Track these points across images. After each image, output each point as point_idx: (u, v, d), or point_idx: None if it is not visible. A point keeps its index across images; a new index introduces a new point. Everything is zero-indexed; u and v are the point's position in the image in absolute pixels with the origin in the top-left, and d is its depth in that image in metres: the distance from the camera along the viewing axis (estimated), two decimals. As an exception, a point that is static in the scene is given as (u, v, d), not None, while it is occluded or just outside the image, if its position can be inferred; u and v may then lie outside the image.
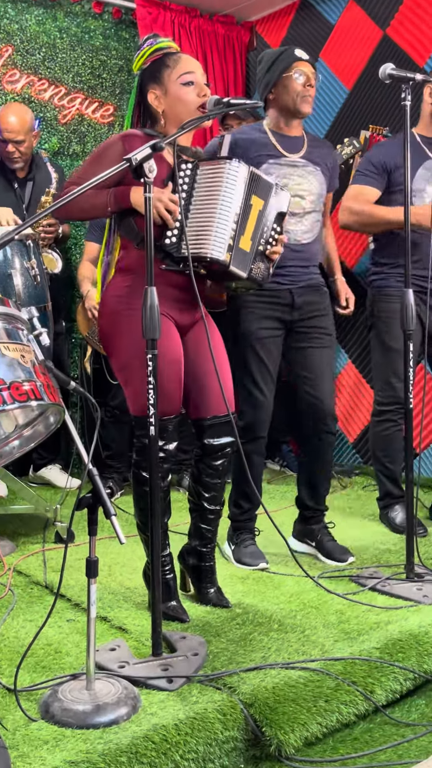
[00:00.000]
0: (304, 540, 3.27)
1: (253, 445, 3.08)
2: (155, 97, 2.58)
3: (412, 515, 2.86)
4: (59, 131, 4.80)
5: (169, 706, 1.98)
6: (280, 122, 3.09)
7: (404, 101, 2.81)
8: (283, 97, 3.03)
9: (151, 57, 2.57)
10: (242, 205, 2.48)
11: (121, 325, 2.52)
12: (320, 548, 3.19)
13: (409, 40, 4.30)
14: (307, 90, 3.02)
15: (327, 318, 3.17)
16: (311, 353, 3.12)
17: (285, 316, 3.09)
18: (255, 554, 3.08)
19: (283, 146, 3.07)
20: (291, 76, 3.01)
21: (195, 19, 5.07)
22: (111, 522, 1.94)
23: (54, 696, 1.99)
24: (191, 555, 2.74)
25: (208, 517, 2.70)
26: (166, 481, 2.57)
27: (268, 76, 3.06)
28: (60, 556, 3.12)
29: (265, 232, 2.57)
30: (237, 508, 3.17)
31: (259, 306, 3.06)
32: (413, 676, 2.22)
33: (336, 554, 3.13)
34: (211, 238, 2.44)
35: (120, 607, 2.64)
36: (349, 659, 2.22)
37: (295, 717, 1.97)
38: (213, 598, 2.68)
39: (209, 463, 2.67)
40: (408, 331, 2.84)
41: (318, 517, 3.24)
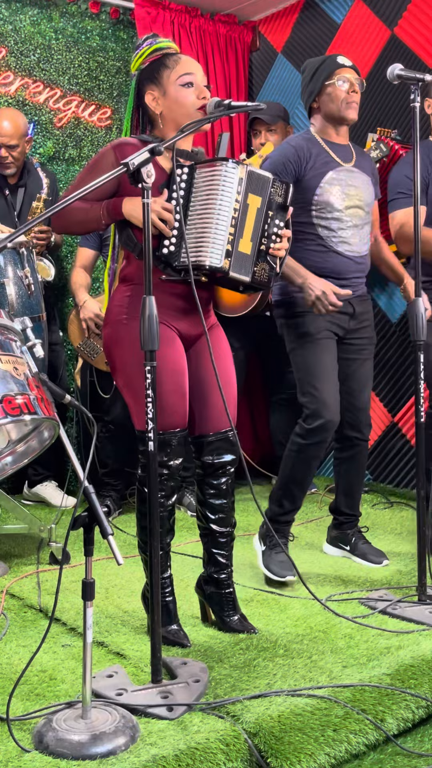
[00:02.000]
0: (338, 545, 3.38)
1: (316, 449, 3.06)
2: (153, 98, 2.53)
3: (424, 534, 2.78)
4: (55, 135, 4.74)
5: (170, 736, 1.93)
6: (328, 129, 3.14)
7: (413, 102, 2.77)
8: (328, 104, 3.09)
9: (149, 57, 2.53)
10: (239, 207, 2.42)
11: (122, 336, 2.48)
12: (354, 551, 3.30)
13: (417, 39, 4.27)
14: (352, 96, 3.07)
15: (372, 327, 3.28)
16: (359, 365, 3.23)
17: (344, 324, 3.16)
18: (284, 564, 3.01)
19: (337, 155, 3.12)
20: (334, 83, 3.06)
21: (195, 18, 5.03)
22: (108, 542, 1.90)
23: (48, 725, 1.94)
24: (209, 584, 2.65)
25: (220, 541, 2.62)
26: (171, 499, 2.50)
27: (312, 84, 3.12)
28: (55, 578, 3.04)
29: (266, 229, 2.50)
30: (279, 506, 3.14)
31: (324, 314, 3.08)
32: (426, 704, 2.15)
33: (370, 556, 3.24)
34: (208, 244, 2.39)
35: (118, 632, 2.58)
36: (358, 686, 2.16)
37: (301, 747, 1.91)
38: (237, 625, 2.59)
39: (211, 482, 2.60)
40: (419, 342, 2.77)
41: (352, 522, 3.35)
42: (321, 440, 3.04)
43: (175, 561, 2.66)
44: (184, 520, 3.98)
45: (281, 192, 2.52)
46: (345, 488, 3.33)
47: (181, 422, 2.47)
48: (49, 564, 3.28)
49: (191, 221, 2.43)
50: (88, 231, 2.58)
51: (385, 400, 4.52)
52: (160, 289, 2.44)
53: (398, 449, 4.45)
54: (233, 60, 5.17)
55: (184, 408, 2.48)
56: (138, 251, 2.49)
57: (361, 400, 3.23)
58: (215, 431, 2.58)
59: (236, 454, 2.59)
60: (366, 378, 3.25)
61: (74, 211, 2.45)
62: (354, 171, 3.12)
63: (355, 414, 3.22)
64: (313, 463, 3.09)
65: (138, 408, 2.43)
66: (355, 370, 3.21)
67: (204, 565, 2.67)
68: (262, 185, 2.48)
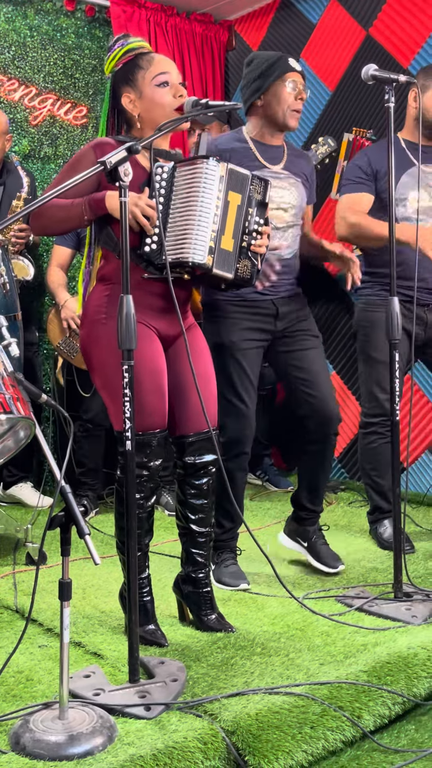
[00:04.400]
0: (296, 539, 3.26)
1: (236, 462, 3.02)
2: (129, 100, 2.52)
3: (400, 532, 2.80)
4: (30, 133, 4.71)
5: (147, 736, 1.92)
6: (264, 131, 3.05)
7: (388, 103, 2.77)
8: (273, 106, 2.98)
9: (122, 59, 2.52)
10: (221, 204, 2.42)
11: (100, 336, 2.46)
12: (311, 551, 3.19)
13: (392, 40, 4.29)
14: (298, 103, 2.98)
15: (310, 321, 3.16)
16: (303, 355, 3.08)
17: (268, 326, 3.06)
18: (236, 574, 3.01)
19: (265, 157, 3.03)
20: (283, 85, 2.96)
21: (171, 17, 5.02)
22: (85, 542, 1.89)
23: (25, 726, 1.92)
24: (187, 583, 2.65)
25: (199, 541, 2.62)
26: (151, 500, 2.50)
27: (259, 81, 3.00)
28: (31, 578, 3.05)
29: (246, 226, 2.50)
30: (218, 527, 3.09)
31: (241, 317, 3.01)
32: (402, 701, 2.16)
33: (327, 560, 3.14)
34: (191, 241, 2.38)
35: (95, 632, 2.56)
36: (335, 683, 2.15)
37: (279, 745, 1.91)
38: (215, 624, 2.59)
39: (192, 483, 2.59)
40: (393, 341, 2.78)
41: (313, 518, 3.24)
42: (238, 452, 3.01)
43: (153, 561, 2.66)
44: (162, 519, 3.97)
45: (260, 189, 2.52)
46: (309, 483, 3.20)
47: (161, 423, 2.46)
48: (26, 564, 3.25)
49: (173, 219, 2.43)
50: (68, 229, 2.54)
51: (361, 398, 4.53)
52: (140, 289, 2.43)
53: (374, 447, 4.45)
54: (209, 59, 5.17)
55: (163, 408, 2.47)
56: (118, 249, 2.46)
57: (319, 389, 3.04)
58: (196, 431, 2.57)
59: (217, 453, 2.58)
60: (317, 365, 3.08)
61: (54, 209, 2.40)
62: (281, 173, 3.03)
63: (316, 405, 3.04)
64: (236, 476, 3.02)
65: (116, 408, 2.42)
66: (302, 359, 3.07)
67: (182, 564, 2.67)
68: (242, 182, 2.48)
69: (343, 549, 3.44)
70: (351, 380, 4.56)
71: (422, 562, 3.21)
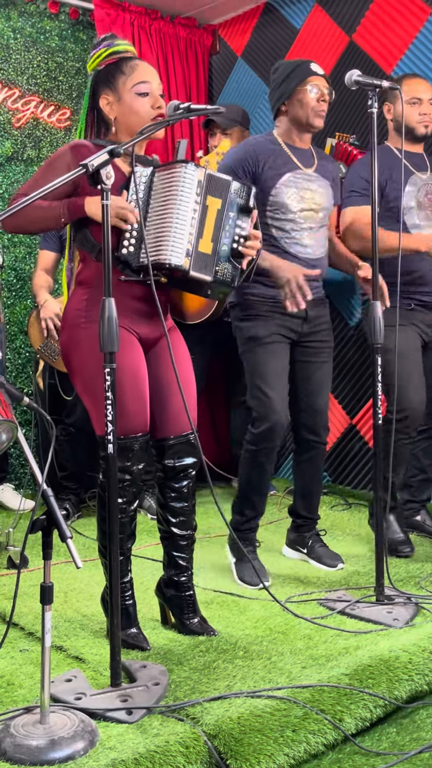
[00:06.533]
0: (296, 548, 3.38)
1: (266, 453, 3.07)
2: (107, 102, 2.52)
3: (382, 535, 2.80)
4: (13, 135, 4.69)
5: (129, 740, 1.91)
6: (293, 134, 3.16)
7: (371, 108, 2.80)
8: (297, 110, 3.10)
9: (106, 60, 2.51)
10: (199, 208, 2.43)
11: (80, 340, 2.45)
12: (311, 553, 3.30)
13: (375, 46, 4.31)
14: (321, 105, 3.09)
15: (330, 331, 3.29)
16: (317, 368, 3.23)
17: (296, 327, 3.15)
18: (259, 571, 3.00)
19: (298, 159, 3.13)
20: (305, 89, 3.07)
21: (155, 21, 5.01)
22: (67, 545, 1.88)
23: (6, 731, 1.91)
24: (169, 587, 2.64)
25: (181, 544, 2.61)
26: (133, 505, 2.49)
27: (283, 87, 3.11)
28: (12, 582, 3.04)
29: (227, 230, 2.50)
30: (240, 515, 3.17)
31: (273, 315, 3.10)
32: (383, 703, 2.16)
33: (326, 559, 3.24)
34: (168, 244, 2.38)
35: (76, 636, 2.55)
36: (317, 686, 2.16)
37: (261, 748, 1.91)
38: (197, 628, 2.59)
39: (172, 486, 2.59)
40: (376, 345, 2.80)
41: (310, 525, 3.36)
42: (270, 445, 3.05)
43: (135, 564, 2.65)
44: (144, 523, 3.96)
45: (243, 194, 2.52)
46: (302, 491, 3.34)
47: (143, 427, 2.45)
48: (7, 568, 3.23)
49: (150, 221, 2.43)
50: (42, 230, 2.53)
51: (343, 402, 4.54)
52: (119, 292, 2.42)
53: (356, 451, 4.48)
54: (193, 63, 5.17)
55: (144, 412, 2.46)
56: (96, 252, 2.46)
57: (319, 402, 3.23)
58: (176, 434, 2.56)
59: (197, 456, 2.57)
60: (323, 381, 3.25)
61: (29, 209, 2.37)
62: (313, 175, 3.14)
63: (312, 417, 3.23)
64: (266, 467, 3.09)
65: (98, 413, 2.41)
66: (313, 373, 3.22)
67: (164, 567, 2.66)
68: (222, 187, 2.48)
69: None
70: (334, 384, 4.55)
71: (404, 565, 3.22)
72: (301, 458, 3.31)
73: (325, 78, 3.12)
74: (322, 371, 3.24)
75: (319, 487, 3.36)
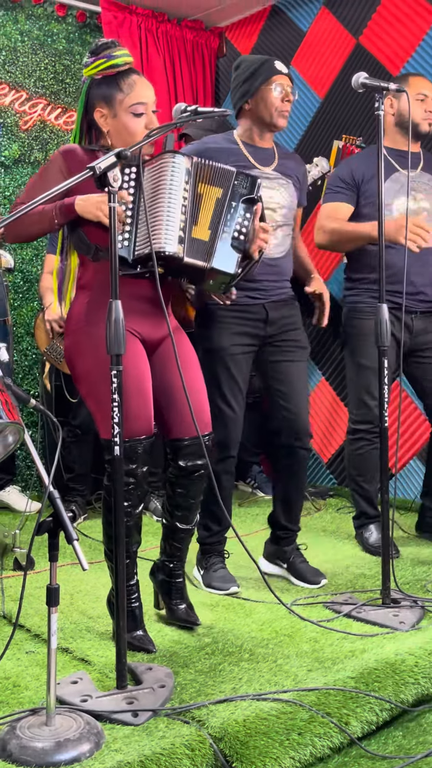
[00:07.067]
0: (275, 561, 3.21)
1: (223, 465, 3.03)
2: (102, 115, 2.52)
3: (388, 538, 2.80)
4: (20, 138, 4.71)
5: (135, 742, 1.91)
6: (254, 133, 3.08)
7: (377, 111, 2.79)
8: (260, 108, 3.02)
9: (104, 72, 2.49)
10: (189, 195, 2.43)
11: (83, 344, 2.46)
12: (292, 570, 3.13)
13: (382, 48, 4.31)
14: (285, 105, 3.02)
15: (300, 331, 3.15)
16: (286, 367, 3.08)
17: (258, 332, 3.06)
18: (225, 578, 3.01)
19: (255, 158, 3.06)
20: (270, 88, 3.00)
21: (162, 24, 5.02)
22: (73, 547, 1.87)
23: (12, 733, 1.91)
24: (161, 571, 2.71)
25: (180, 536, 2.68)
26: (138, 508, 2.50)
27: (246, 85, 3.04)
28: (19, 584, 3.04)
29: (229, 220, 2.50)
30: (206, 530, 3.11)
31: (231, 321, 3.01)
32: (390, 707, 2.16)
33: (308, 576, 3.08)
34: (160, 232, 2.38)
35: (82, 638, 2.56)
36: (323, 689, 2.15)
37: (266, 751, 1.90)
38: (182, 614, 2.64)
39: (184, 483, 2.62)
40: (383, 348, 2.79)
41: (290, 537, 3.19)
42: (225, 456, 3.02)
43: (141, 566, 2.65)
44: (150, 524, 3.96)
45: (246, 184, 2.53)
46: (283, 499, 3.16)
47: (146, 429, 2.45)
48: (13, 570, 3.24)
49: (142, 216, 2.43)
50: (38, 235, 2.51)
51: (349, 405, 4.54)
52: (121, 292, 2.42)
53: (363, 454, 4.46)
54: (200, 66, 5.17)
55: (148, 414, 2.46)
56: (92, 253, 2.46)
57: (295, 404, 3.05)
58: (192, 435, 2.57)
59: (207, 458, 2.59)
60: (297, 380, 3.08)
61: (25, 217, 2.35)
62: (271, 174, 3.06)
63: (290, 420, 3.05)
64: (222, 479, 3.02)
65: (102, 416, 2.41)
66: (284, 372, 3.07)
67: (160, 553, 2.72)
68: (221, 177, 2.49)
69: (332, 555, 3.45)
70: (340, 387, 4.56)
71: (410, 568, 3.21)
72: (280, 465, 3.13)
73: (289, 77, 3.05)
74: (294, 369, 3.08)
75: (301, 496, 3.18)
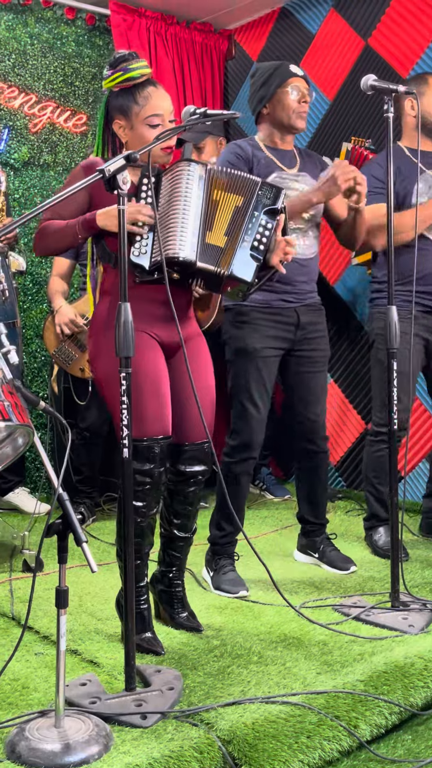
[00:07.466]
0: (307, 552, 3.39)
1: (243, 466, 3.08)
2: (120, 127, 2.56)
3: (398, 541, 2.79)
4: (30, 140, 4.72)
5: (143, 744, 1.91)
6: (274, 137, 3.14)
7: (387, 113, 2.79)
8: (278, 112, 3.08)
9: (121, 84, 2.52)
10: (203, 201, 2.46)
11: (102, 348, 2.49)
12: (322, 558, 3.30)
13: (391, 50, 4.30)
14: (302, 106, 3.08)
15: (325, 339, 3.25)
16: (311, 377, 3.20)
17: (289, 335, 3.13)
18: (234, 581, 3.01)
19: (280, 161, 3.12)
20: (286, 91, 3.06)
21: (171, 26, 5.03)
22: (82, 549, 1.88)
23: (21, 734, 1.91)
24: (160, 581, 2.71)
25: (178, 544, 2.68)
26: (153, 509, 2.50)
27: (263, 90, 3.10)
28: (28, 585, 3.04)
29: (250, 228, 2.51)
30: (218, 530, 3.14)
31: (264, 324, 3.07)
32: (399, 710, 2.15)
33: (338, 563, 3.24)
34: (173, 238, 2.41)
35: (91, 640, 2.55)
36: (332, 692, 2.15)
37: (275, 754, 1.90)
38: (185, 621, 2.64)
39: (181, 489, 2.63)
40: (391, 350, 2.79)
41: (319, 530, 3.35)
42: (246, 457, 3.06)
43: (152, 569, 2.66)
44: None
45: (270, 195, 2.54)
46: (307, 498, 3.34)
47: (163, 430, 2.46)
48: (22, 571, 3.24)
49: (159, 221, 2.45)
50: (66, 248, 2.58)
51: (358, 407, 4.54)
52: (140, 297, 2.45)
53: (372, 456, 4.45)
54: (209, 68, 5.18)
55: (164, 415, 2.47)
56: (113, 261, 2.51)
57: (315, 412, 3.21)
58: (191, 441, 2.59)
59: (208, 465, 2.62)
60: (319, 390, 3.23)
61: (52, 230, 2.47)
62: (298, 175, 3.12)
63: (309, 426, 3.21)
64: (242, 480, 3.08)
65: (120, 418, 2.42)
66: (308, 383, 3.20)
67: (158, 563, 2.72)
68: (242, 185, 2.51)
69: (341, 558, 3.44)
70: (349, 389, 4.56)
71: (419, 571, 3.20)
72: (302, 466, 3.31)
73: (305, 79, 3.11)
74: (316, 380, 3.22)
75: (324, 493, 3.35)
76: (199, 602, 2.85)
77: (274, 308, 3.06)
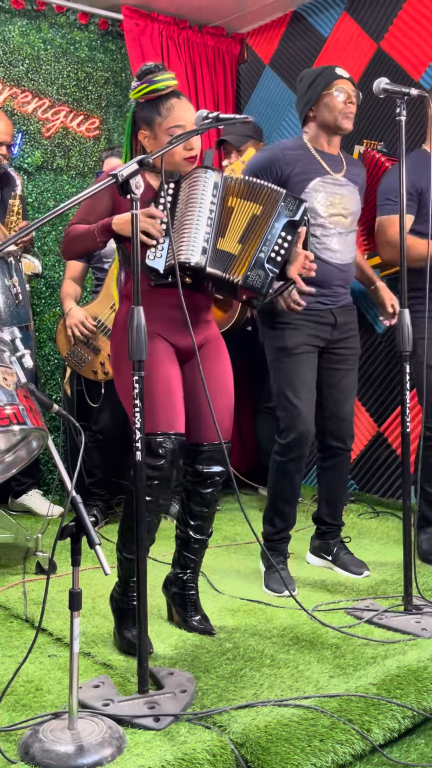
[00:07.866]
0: (320, 555, 3.38)
1: (295, 464, 3.08)
2: (144, 137, 2.59)
3: (410, 544, 2.78)
4: (43, 145, 4.74)
5: (156, 747, 1.91)
6: (321, 139, 3.16)
7: (399, 116, 2.79)
8: (324, 114, 3.10)
9: (146, 96, 2.55)
10: (217, 208, 2.47)
11: (122, 350, 2.49)
12: (336, 561, 3.29)
13: (403, 53, 4.29)
14: (349, 107, 3.10)
15: (357, 338, 3.29)
16: (343, 375, 3.23)
17: (326, 335, 3.16)
18: (280, 581, 3.01)
19: (328, 164, 3.14)
20: (331, 93, 3.08)
21: (184, 30, 5.04)
22: (95, 552, 1.89)
23: (34, 736, 1.92)
24: (174, 584, 2.71)
25: (193, 546, 2.68)
26: (161, 507, 2.51)
27: (309, 93, 3.13)
28: (41, 587, 3.05)
29: (268, 239, 2.51)
30: (271, 526, 3.17)
31: (304, 324, 3.09)
32: (412, 714, 2.15)
33: (352, 567, 3.24)
34: (185, 243, 2.43)
35: (104, 642, 2.56)
36: (344, 696, 2.15)
37: (288, 757, 1.90)
38: (198, 625, 2.64)
39: (198, 490, 2.64)
40: (404, 353, 2.78)
41: (334, 532, 3.35)
42: (298, 455, 3.06)
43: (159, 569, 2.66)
44: (170, 529, 3.96)
45: (292, 207, 2.55)
46: (327, 498, 3.34)
47: (174, 426, 2.47)
48: (36, 574, 3.25)
49: (175, 227, 2.48)
50: (89, 251, 2.62)
51: (371, 410, 4.53)
52: (156, 300, 2.48)
53: (384, 459, 4.45)
54: (221, 72, 5.19)
55: (177, 413, 2.48)
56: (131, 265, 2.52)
57: (344, 410, 3.23)
58: (210, 441, 2.60)
59: (226, 466, 2.62)
60: (349, 389, 3.25)
61: (76, 234, 2.52)
62: (342, 180, 3.14)
63: (337, 424, 3.23)
64: (295, 478, 3.10)
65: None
66: (339, 381, 3.21)
67: (172, 565, 2.72)
68: (262, 195, 2.53)
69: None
70: (361, 392, 4.54)
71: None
72: (325, 465, 3.32)
73: (350, 81, 3.12)
74: (348, 378, 3.24)
75: (343, 494, 3.37)
76: (212, 605, 2.85)
77: (313, 310, 3.07)
